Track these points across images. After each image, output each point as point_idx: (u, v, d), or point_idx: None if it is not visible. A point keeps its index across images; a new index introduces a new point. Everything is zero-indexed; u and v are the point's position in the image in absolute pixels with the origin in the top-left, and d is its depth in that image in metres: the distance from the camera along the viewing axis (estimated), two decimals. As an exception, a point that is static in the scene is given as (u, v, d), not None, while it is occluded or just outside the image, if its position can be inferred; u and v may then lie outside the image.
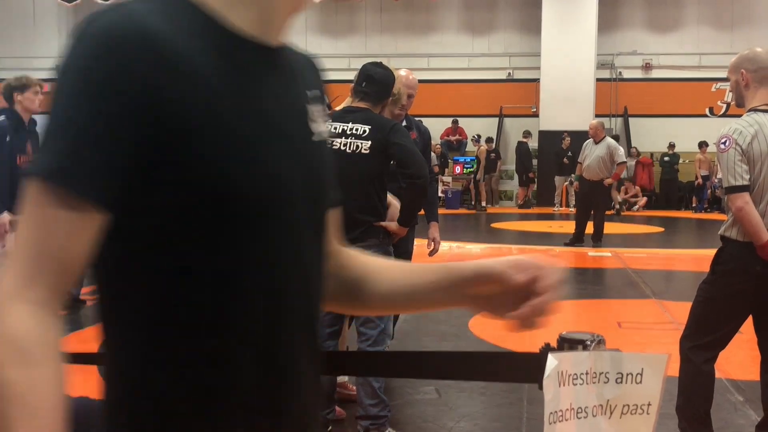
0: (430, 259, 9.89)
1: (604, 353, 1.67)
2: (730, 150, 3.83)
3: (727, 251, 3.97)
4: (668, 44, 21.84)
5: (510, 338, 7.57)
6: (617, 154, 12.67)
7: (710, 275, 4.03)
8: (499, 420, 4.86)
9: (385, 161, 4.13)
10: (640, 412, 1.68)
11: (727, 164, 3.84)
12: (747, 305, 3.91)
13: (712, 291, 4.01)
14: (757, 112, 3.90)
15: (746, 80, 3.95)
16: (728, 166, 3.84)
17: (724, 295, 3.95)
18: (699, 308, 4.04)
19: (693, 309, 4.06)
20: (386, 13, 23.71)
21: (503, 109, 23.08)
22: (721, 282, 3.96)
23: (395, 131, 4.13)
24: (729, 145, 3.84)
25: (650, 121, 21.38)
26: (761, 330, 4.01)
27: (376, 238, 4.17)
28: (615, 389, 1.66)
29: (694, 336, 4.01)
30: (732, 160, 3.82)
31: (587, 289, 9.88)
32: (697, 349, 3.95)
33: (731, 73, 4.01)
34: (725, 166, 3.87)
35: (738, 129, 3.86)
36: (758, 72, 3.93)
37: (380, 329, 4.21)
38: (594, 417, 1.65)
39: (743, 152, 3.81)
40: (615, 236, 13.28)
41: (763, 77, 3.93)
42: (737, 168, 3.82)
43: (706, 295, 4.03)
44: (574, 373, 1.62)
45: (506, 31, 23.42)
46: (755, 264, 3.84)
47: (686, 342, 4.01)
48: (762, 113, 3.90)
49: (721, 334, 3.96)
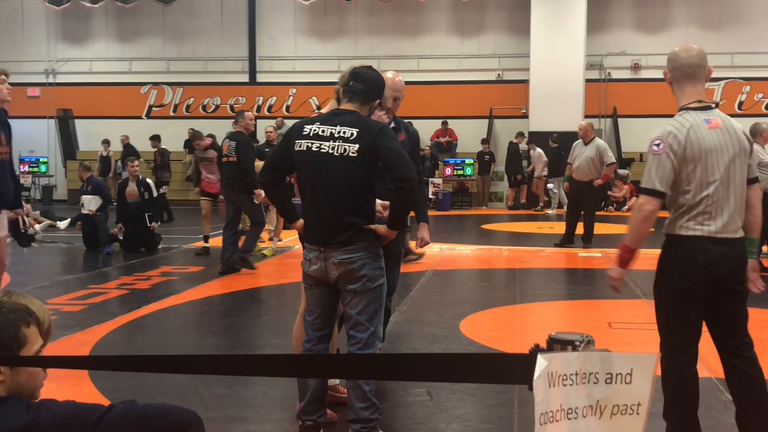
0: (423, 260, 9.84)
1: (594, 354, 1.67)
2: (662, 154, 3.83)
3: (669, 248, 3.99)
4: (657, 45, 21.89)
5: (501, 339, 7.56)
6: (606, 155, 12.69)
7: (656, 275, 4.05)
8: (490, 421, 4.86)
9: (373, 164, 4.12)
10: (630, 413, 1.68)
11: (656, 166, 3.84)
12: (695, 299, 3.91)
13: (661, 291, 4.03)
14: (689, 111, 3.90)
15: (669, 79, 3.99)
16: (655, 169, 3.84)
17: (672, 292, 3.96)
18: (658, 312, 4.06)
19: (655, 313, 4.08)
20: (375, 15, 23.72)
21: (493, 111, 23.11)
22: (667, 280, 3.98)
23: (383, 134, 4.12)
24: (662, 148, 3.83)
25: (639, 122, 21.42)
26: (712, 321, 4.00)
27: (365, 241, 4.16)
28: (605, 389, 1.65)
29: (664, 341, 4.03)
30: (662, 164, 3.83)
31: (577, 290, 9.90)
32: (673, 353, 3.95)
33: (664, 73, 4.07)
34: (653, 167, 3.85)
35: (671, 131, 3.85)
36: (674, 71, 3.95)
37: (370, 332, 4.20)
38: (584, 418, 1.65)
39: (676, 155, 3.81)
40: (605, 237, 13.31)
41: (680, 75, 3.94)
42: (665, 173, 3.83)
43: (657, 296, 4.05)
44: (564, 373, 1.62)
45: (495, 33, 23.46)
46: (697, 255, 3.86)
47: (662, 348, 4.02)
48: (694, 111, 3.89)
49: (686, 333, 3.95)
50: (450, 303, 8.67)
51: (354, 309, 4.19)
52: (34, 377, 2.26)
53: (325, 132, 4.14)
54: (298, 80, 23.85)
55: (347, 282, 4.16)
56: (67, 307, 8.08)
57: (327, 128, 4.15)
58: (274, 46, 24.30)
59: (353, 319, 4.20)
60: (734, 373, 4.01)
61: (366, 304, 4.18)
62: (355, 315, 4.19)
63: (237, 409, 5.04)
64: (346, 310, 4.23)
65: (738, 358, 3.99)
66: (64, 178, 23.98)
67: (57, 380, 5.04)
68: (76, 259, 12.25)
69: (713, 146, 3.84)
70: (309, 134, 4.18)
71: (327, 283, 4.23)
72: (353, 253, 4.13)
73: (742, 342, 4.00)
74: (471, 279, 10.60)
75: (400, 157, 4.09)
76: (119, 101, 24.52)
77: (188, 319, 8.12)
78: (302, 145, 4.18)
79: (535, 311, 8.30)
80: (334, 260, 4.14)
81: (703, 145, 3.83)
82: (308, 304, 4.37)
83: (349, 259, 4.13)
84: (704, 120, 3.87)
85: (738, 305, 3.99)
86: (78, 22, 24.74)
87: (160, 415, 2.23)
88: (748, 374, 3.98)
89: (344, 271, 4.14)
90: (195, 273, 10.56)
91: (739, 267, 3.96)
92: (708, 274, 3.87)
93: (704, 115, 3.90)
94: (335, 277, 4.17)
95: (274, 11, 24.24)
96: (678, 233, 3.92)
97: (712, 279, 3.88)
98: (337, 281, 4.18)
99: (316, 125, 4.19)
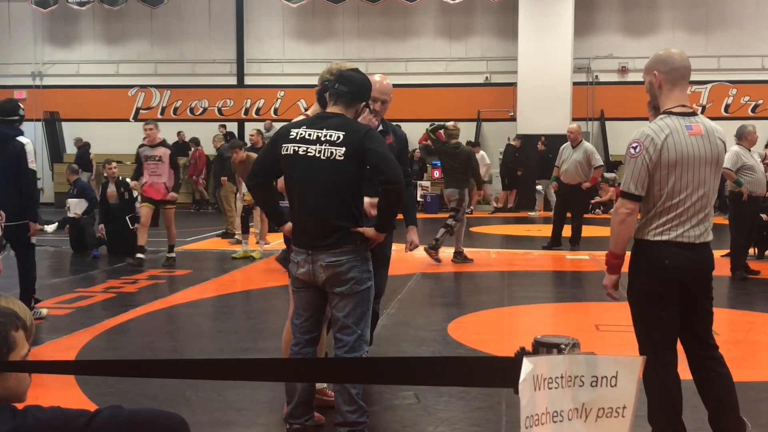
0: (410, 263, 9.84)
1: (579, 357, 1.67)
2: (639, 157, 3.86)
3: (637, 252, 4.02)
4: (644, 48, 21.95)
5: (489, 342, 7.56)
6: (594, 158, 12.74)
7: (628, 279, 4.07)
8: (478, 424, 4.86)
9: (360, 167, 4.13)
10: (615, 415, 1.68)
11: (633, 170, 3.88)
12: (664, 301, 3.93)
13: (632, 294, 4.05)
14: (671, 116, 3.91)
15: (659, 81, 3.97)
16: (632, 173, 3.88)
17: (641, 295, 3.98)
18: (632, 315, 4.08)
19: (631, 317, 4.10)
20: (364, 17, 23.72)
21: (481, 113, 23.14)
22: (636, 283, 4.01)
23: (369, 136, 4.13)
24: (639, 151, 3.86)
25: (627, 124, 21.43)
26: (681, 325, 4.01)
27: (353, 244, 4.16)
28: (590, 392, 1.66)
29: (640, 344, 4.05)
30: (638, 168, 3.86)
31: (565, 293, 9.92)
32: (650, 355, 3.96)
33: (645, 75, 4.04)
34: (630, 171, 3.90)
35: (649, 135, 3.86)
36: (670, 73, 3.95)
37: (357, 335, 4.20)
38: (570, 421, 1.65)
39: (651, 159, 3.83)
40: (593, 239, 13.34)
41: (675, 78, 3.94)
42: (640, 177, 3.86)
43: (630, 299, 4.08)
44: (549, 376, 1.63)
45: (483, 36, 23.50)
46: (663, 259, 3.88)
47: (640, 351, 4.04)
48: (675, 116, 3.90)
49: (659, 335, 3.97)
50: (438, 306, 8.67)
51: (341, 312, 4.19)
52: (21, 382, 2.25)
53: (312, 135, 4.14)
54: (286, 83, 23.81)
55: (335, 285, 4.16)
56: (54, 311, 8.03)
57: (313, 132, 4.15)
58: (262, 49, 24.26)
59: (340, 322, 4.20)
60: (706, 375, 4.03)
61: (353, 307, 4.18)
62: (342, 318, 4.19)
63: (224, 413, 5.03)
64: (334, 312, 4.24)
65: (709, 359, 4.03)
66: (51, 181, 23.86)
67: (43, 385, 5.02)
68: (63, 262, 12.19)
69: (690, 153, 3.85)
70: (296, 138, 4.18)
71: (315, 286, 4.23)
72: (341, 255, 4.14)
73: (709, 344, 4.04)
74: (459, 282, 10.61)
75: (386, 159, 4.10)
76: (106, 104, 24.42)
77: (175, 323, 8.10)
78: (289, 149, 4.18)
79: (523, 314, 8.32)
80: (321, 263, 4.14)
81: (679, 151, 3.84)
82: (296, 307, 4.37)
83: (336, 261, 4.13)
84: (685, 126, 3.89)
85: (705, 308, 4.02)
86: (65, 25, 24.64)
87: (147, 420, 2.23)
88: (720, 374, 4.01)
89: (332, 274, 4.15)
90: (182, 276, 10.53)
91: (707, 270, 4.00)
92: (673, 276, 3.89)
93: (686, 120, 3.91)
94: (323, 279, 4.17)
95: (262, 14, 24.21)
96: (646, 238, 3.95)
97: (679, 282, 3.90)
98: (325, 284, 4.18)
99: (302, 129, 4.20)
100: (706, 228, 3.95)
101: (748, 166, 9.83)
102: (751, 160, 9.91)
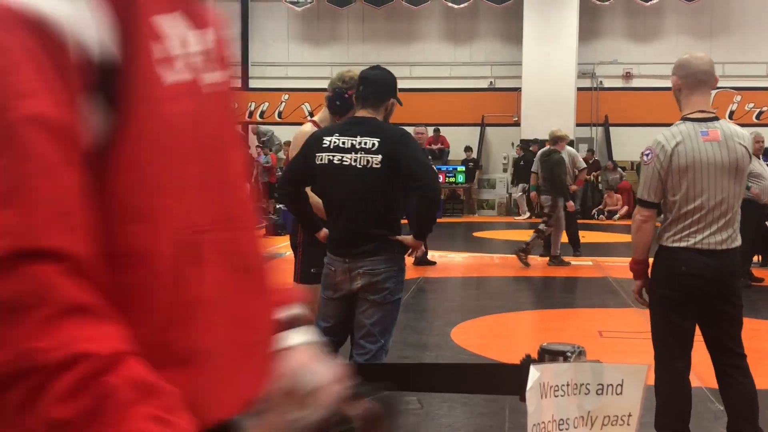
0: (413, 268, 9.81)
1: (585, 365, 1.67)
2: (651, 165, 3.90)
3: (657, 258, 4.03)
4: (648, 53, 22.00)
5: (492, 347, 7.56)
6: (578, 161, 12.77)
7: (648, 285, 4.07)
8: (481, 430, 4.86)
9: (396, 172, 4.02)
10: (621, 423, 1.68)
11: (646, 178, 3.93)
12: (681, 308, 3.93)
13: (652, 300, 4.05)
14: (686, 122, 3.91)
15: (678, 86, 3.98)
16: (646, 180, 3.94)
17: (659, 301, 3.99)
18: (651, 321, 4.09)
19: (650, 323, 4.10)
20: (368, 21, 23.75)
21: (485, 118, 23.15)
22: (655, 289, 4.01)
23: (404, 142, 4.06)
24: (651, 158, 3.90)
25: (631, 130, 21.49)
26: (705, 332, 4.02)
27: (390, 252, 4.10)
28: (596, 400, 1.66)
29: (656, 349, 4.04)
30: (651, 175, 3.90)
31: (568, 299, 9.92)
32: (664, 362, 3.96)
33: (671, 80, 4.06)
34: (644, 178, 3.96)
35: (660, 142, 3.89)
36: (688, 78, 3.94)
37: (380, 345, 4.14)
38: (575, 428, 1.65)
39: (662, 166, 3.85)
40: (596, 245, 13.33)
41: (692, 83, 3.93)
42: (653, 184, 3.90)
43: (650, 305, 4.07)
44: (555, 384, 1.63)
45: (488, 40, 23.51)
46: (679, 266, 3.88)
47: (655, 357, 4.04)
48: (691, 122, 3.90)
49: (674, 342, 3.96)
50: (441, 311, 8.67)
51: (369, 319, 4.12)
52: None
53: (346, 144, 4.06)
54: (290, 86, 23.84)
55: (369, 292, 4.09)
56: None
57: (347, 139, 4.07)
58: (267, 52, 24.30)
59: (366, 328, 4.13)
60: (727, 382, 4.02)
61: (382, 316, 4.12)
62: (369, 325, 4.12)
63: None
64: (360, 318, 4.15)
65: (731, 367, 4.01)
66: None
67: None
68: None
69: (704, 159, 3.83)
70: (329, 146, 4.09)
71: (348, 293, 4.16)
72: (379, 264, 4.07)
73: (735, 353, 4.01)
74: (462, 287, 10.61)
75: (422, 165, 4.05)
76: (111, 106, 24.47)
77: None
78: (323, 159, 4.10)
79: (526, 319, 8.31)
80: (359, 270, 4.07)
81: (691, 157, 3.83)
82: (324, 314, 4.30)
83: (374, 270, 4.07)
84: (701, 132, 3.87)
85: (729, 315, 3.99)
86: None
87: None
88: (741, 382, 3.99)
89: (368, 282, 4.07)
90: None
91: (728, 277, 3.97)
92: (691, 284, 3.88)
93: (703, 126, 3.89)
94: (358, 286, 4.10)
95: (266, 17, 24.25)
96: (664, 244, 3.95)
97: (698, 289, 3.89)
98: (359, 290, 4.11)
99: (335, 136, 4.10)
100: (729, 234, 3.91)
101: (756, 173, 9.82)
102: (758, 167, 9.91)
